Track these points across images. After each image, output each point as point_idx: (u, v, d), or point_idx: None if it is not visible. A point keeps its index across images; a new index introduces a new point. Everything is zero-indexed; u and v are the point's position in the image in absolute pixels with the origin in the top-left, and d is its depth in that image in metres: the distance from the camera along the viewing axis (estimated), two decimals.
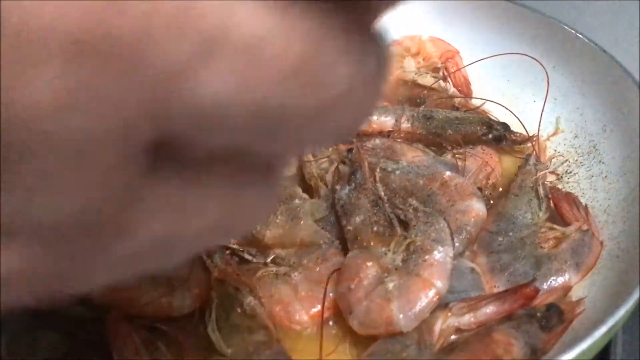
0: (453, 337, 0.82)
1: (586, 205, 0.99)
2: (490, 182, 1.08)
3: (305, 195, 1.02)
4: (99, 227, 0.25)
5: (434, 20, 1.33)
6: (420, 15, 1.33)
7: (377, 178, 1.00)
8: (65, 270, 0.27)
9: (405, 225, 0.93)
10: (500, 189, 1.07)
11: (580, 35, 1.13)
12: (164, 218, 0.27)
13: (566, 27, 1.15)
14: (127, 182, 0.24)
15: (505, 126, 1.14)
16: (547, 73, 1.14)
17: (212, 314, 0.86)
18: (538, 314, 0.80)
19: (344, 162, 1.08)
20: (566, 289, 0.88)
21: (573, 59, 1.14)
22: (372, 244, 0.91)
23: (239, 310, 0.87)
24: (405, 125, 1.15)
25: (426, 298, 0.81)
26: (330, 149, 1.12)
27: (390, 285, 0.84)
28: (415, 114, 1.15)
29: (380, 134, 1.16)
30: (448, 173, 1.01)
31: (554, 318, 0.80)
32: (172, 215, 0.27)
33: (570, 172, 1.08)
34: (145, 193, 0.25)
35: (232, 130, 0.24)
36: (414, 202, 0.95)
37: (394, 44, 1.35)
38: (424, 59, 1.33)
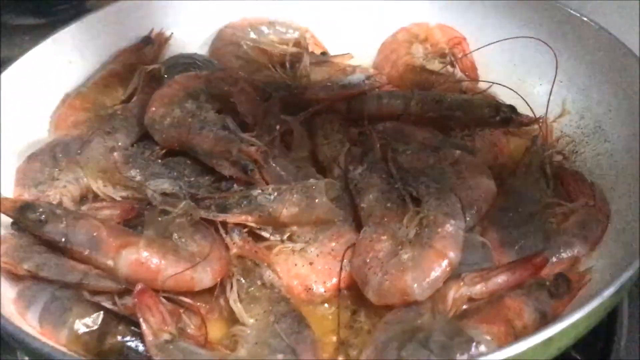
0: (465, 306, 0.85)
1: (592, 182, 1.02)
2: (498, 162, 1.11)
3: (319, 176, 1.05)
4: None
5: (441, 7, 1.36)
6: (427, 2, 1.36)
7: (389, 157, 1.03)
8: None
9: (417, 201, 0.96)
10: (509, 169, 1.09)
11: (585, 19, 1.15)
12: None
13: (571, 11, 1.17)
14: None
15: (512, 108, 1.16)
16: (555, 55, 1.16)
17: (234, 286, 0.90)
18: (547, 283, 0.84)
19: (355, 144, 1.11)
20: (574, 260, 0.91)
21: (578, 42, 1.17)
22: (385, 219, 0.94)
23: (259, 283, 0.90)
24: (415, 108, 1.18)
25: (440, 268, 0.84)
26: (342, 132, 1.15)
27: (405, 257, 0.87)
28: (424, 98, 1.18)
29: (391, 117, 1.19)
30: (458, 152, 1.04)
31: (563, 286, 0.84)
32: None
33: (577, 151, 1.11)
34: None
35: None
36: (426, 180, 0.98)
37: (402, 30, 1.39)
38: (431, 46, 1.35)
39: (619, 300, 0.79)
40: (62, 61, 1.25)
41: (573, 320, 0.68)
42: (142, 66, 1.28)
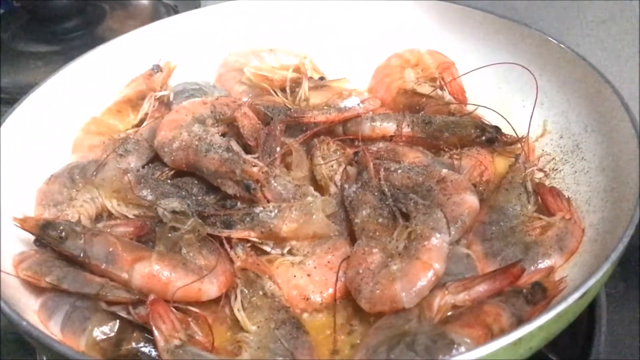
0: (450, 313, 0.93)
1: (569, 197, 1.10)
2: (484, 179, 1.19)
3: (317, 194, 1.13)
4: None
5: (432, 34, 1.45)
6: (418, 30, 1.46)
7: (382, 176, 1.12)
8: None
9: (406, 216, 1.04)
10: (493, 185, 1.17)
11: (562, 46, 1.24)
12: None
13: (550, 39, 1.26)
14: None
15: (497, 129, 1.25)
16: (536, 80, 1.25)
17: (237, 296, 0.98)
18: (524, 291, 0.91)
19: (351, 164, 1.20)
20: (550, 270, 0.99)
21: (557, 67, 1.25)
22: (377, 233, 1.02)
23: (261, 293, 0.98)
24: (406, 130, 1.26)
25: (426, 278, 0.92)
26: (339, 152, 1.23)
27: (394, 268, 0.95)
28: (415, 120, 1.27)
29: (384, 138, 1.27)
30: (445, 170, 1.12)
31: (538, 294, 0.91)
32: None
33: (556, 169, 1.19)
34: None
35: None
36: (414, 197, 1.06)
37: (395, 56, 1.48)
38: (422, 70, 1.44)
39: (585, 305, 0.86)
40: (79, 88, 1.34)
41: (540, 323, 0.75)
42: (151, 92, 1.37)
